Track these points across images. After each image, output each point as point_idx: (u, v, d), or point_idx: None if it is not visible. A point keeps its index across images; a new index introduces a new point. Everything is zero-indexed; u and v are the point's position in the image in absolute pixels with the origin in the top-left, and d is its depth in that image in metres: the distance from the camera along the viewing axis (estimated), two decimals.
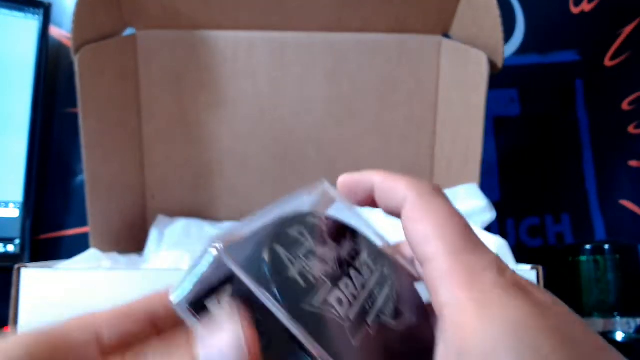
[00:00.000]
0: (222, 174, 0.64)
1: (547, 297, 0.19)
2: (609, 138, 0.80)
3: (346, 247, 0.24)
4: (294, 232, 0.22)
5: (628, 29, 0.79)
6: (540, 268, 0.37)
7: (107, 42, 0.54)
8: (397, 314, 0.23)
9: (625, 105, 0.80)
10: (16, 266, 0.38)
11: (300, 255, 0.21)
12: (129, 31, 0.60)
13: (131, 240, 0.60)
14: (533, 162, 0.80)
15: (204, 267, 0.21)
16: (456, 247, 0.20)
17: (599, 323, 0.62)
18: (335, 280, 0.22)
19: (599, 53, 0.80)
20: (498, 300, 0.18)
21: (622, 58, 0.80)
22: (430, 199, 0.22)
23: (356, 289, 0.22)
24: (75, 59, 0.49)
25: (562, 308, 0.19)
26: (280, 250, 0.21)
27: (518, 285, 0.19)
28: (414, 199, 0.22)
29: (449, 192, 0.53)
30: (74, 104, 0.51)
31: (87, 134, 0.50)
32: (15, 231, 0.65)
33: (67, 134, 0.74)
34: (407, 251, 0.26)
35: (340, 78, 0.62)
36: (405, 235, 0.22)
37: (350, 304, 0.21)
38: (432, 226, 0.21)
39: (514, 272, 0.20)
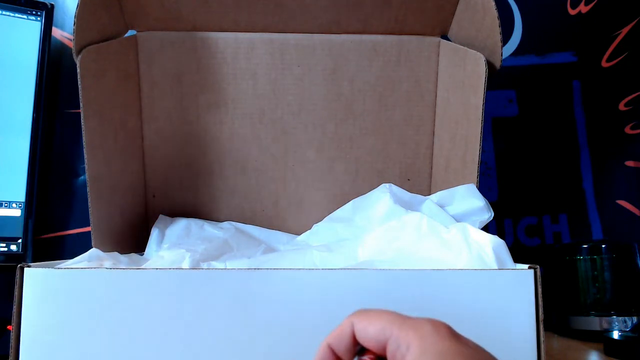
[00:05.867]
0: (222, 174, 0.64)
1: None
2: (606, 138, 0.81)
3: None
4: None
5: (625, 31, 0.80)
6: (538, 268, 0.38)
7: (108, 43, 0.55)
8: None
9: (622, 106, 0.81)
10: (19, 265, 0.38)
11: None
12: (130, 32, 0.61)
13: (132, 239, 0.60)
14: (531, 163, 0.81)
15: None
16: None
17: (596, 322, 0.62)
18: None
19: (596, 54, 0.81)
20: None
21: (619, 59, 0.80)
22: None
23: None
24: (77, 60, 0.49)
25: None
26: None
27: None
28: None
29: (447, 192, 0.53)
30: (76, 104, 0.51)
31: (88, 134, 0.50)
32: (18, 231, 0.65)
33: (69, 135, 0.75)
34: None
35: (339, 79, 0.63)
36: None
37: None
38: None
39: None
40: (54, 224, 0.73)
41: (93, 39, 0.52)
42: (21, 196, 0.66)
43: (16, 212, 0.65)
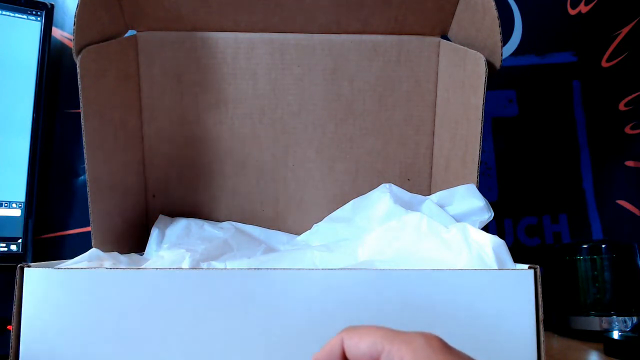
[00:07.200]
0: (222, 174, 0.64)
1: None
2: (606, 138, 0.81)
3: None
4: None
5: (625, 31, 0.80)
6: (538, 268, 0.38)
7: (108, 43, 0.55)
8: None
9: (622, 106, 0.81)
10: (19, 265, 0.38)
11: None
12: (130, 32, 0.61)
13: (132, 239, 0.60)
14: (531, 163, 0.81)
15: None
16: None
17: (596, 322, 0.62)
18: None
19: (596, 54, 0.81)
20: None
21: (619, 59, 0.80)
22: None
23: None
24: (77, 60, 0.50)
25: None
26: None
27: None
28: None
29: (447, 192, 0.53)
30: (76, 104, 0.51)
31: (88, 134, 0.50)
32: (18, 231, 0.65)
33: (69, 135, 0.75)
34: None
35: (339, 79, 0.63)
36: None
37: None
38: None
39: None
40: (54, 224, 0.73)
41: (93, 39, 0.52)
42: (21, 196, 0.66)
43: (16, 212, 0.65)
